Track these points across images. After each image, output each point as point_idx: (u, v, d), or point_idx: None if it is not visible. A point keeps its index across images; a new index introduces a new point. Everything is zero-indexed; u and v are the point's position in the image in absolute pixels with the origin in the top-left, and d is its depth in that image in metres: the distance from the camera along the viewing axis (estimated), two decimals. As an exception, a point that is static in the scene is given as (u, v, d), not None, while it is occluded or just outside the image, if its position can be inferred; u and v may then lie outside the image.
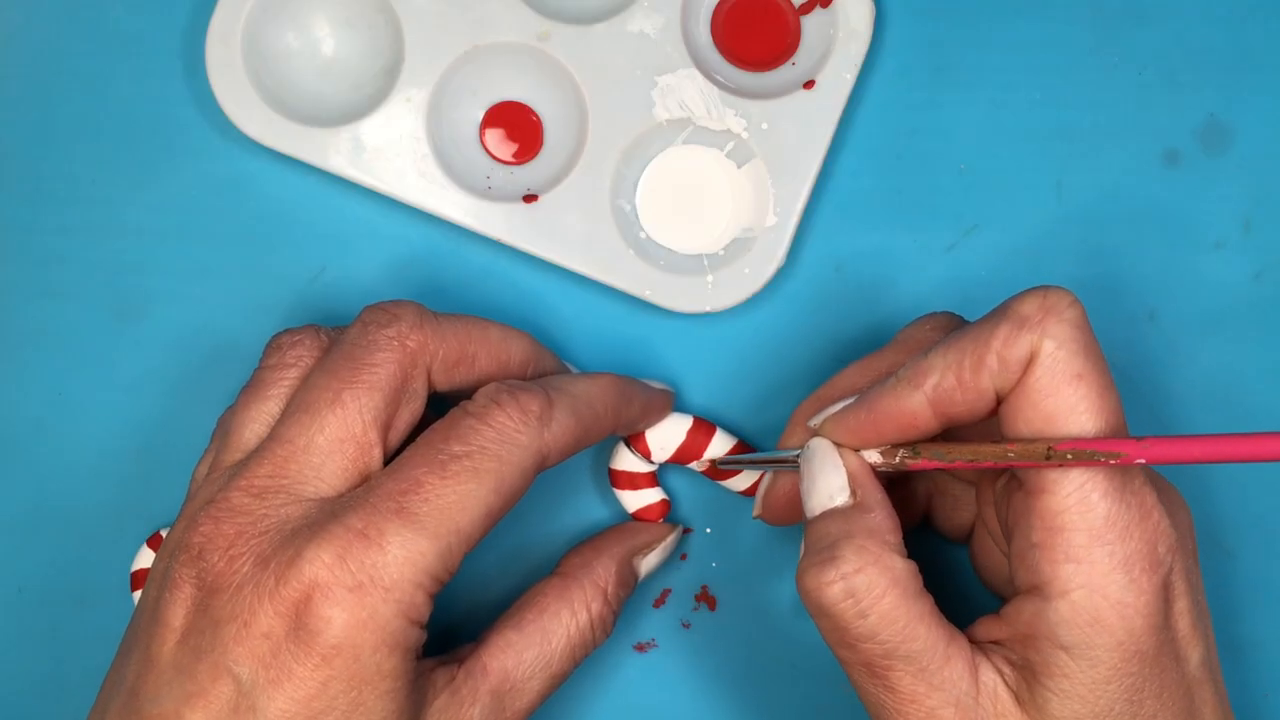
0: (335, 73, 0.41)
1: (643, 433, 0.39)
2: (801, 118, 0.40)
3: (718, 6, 0.41)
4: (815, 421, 0.35)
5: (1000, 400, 0.32)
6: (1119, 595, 0.30)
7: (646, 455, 0.39)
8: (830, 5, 0.40)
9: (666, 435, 0.39)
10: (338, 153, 0.39)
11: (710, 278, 0.40)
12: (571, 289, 0.41)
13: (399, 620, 0.31)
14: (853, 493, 0.33)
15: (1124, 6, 0.41)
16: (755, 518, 0.38)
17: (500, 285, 0.41)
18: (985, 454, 0.32)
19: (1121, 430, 0.31)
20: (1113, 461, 0.30)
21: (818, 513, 0.33)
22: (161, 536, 0.40)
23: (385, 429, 0.33)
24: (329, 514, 0.31)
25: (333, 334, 0.35)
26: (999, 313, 0.32)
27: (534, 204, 0.40)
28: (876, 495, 0.33)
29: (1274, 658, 0.41)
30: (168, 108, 0.41)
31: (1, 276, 0.41)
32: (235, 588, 0.31)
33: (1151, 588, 0.31)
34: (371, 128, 0.40)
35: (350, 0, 0.40)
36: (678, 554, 0.41)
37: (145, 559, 0.40)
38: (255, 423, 0.34)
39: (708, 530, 0.41)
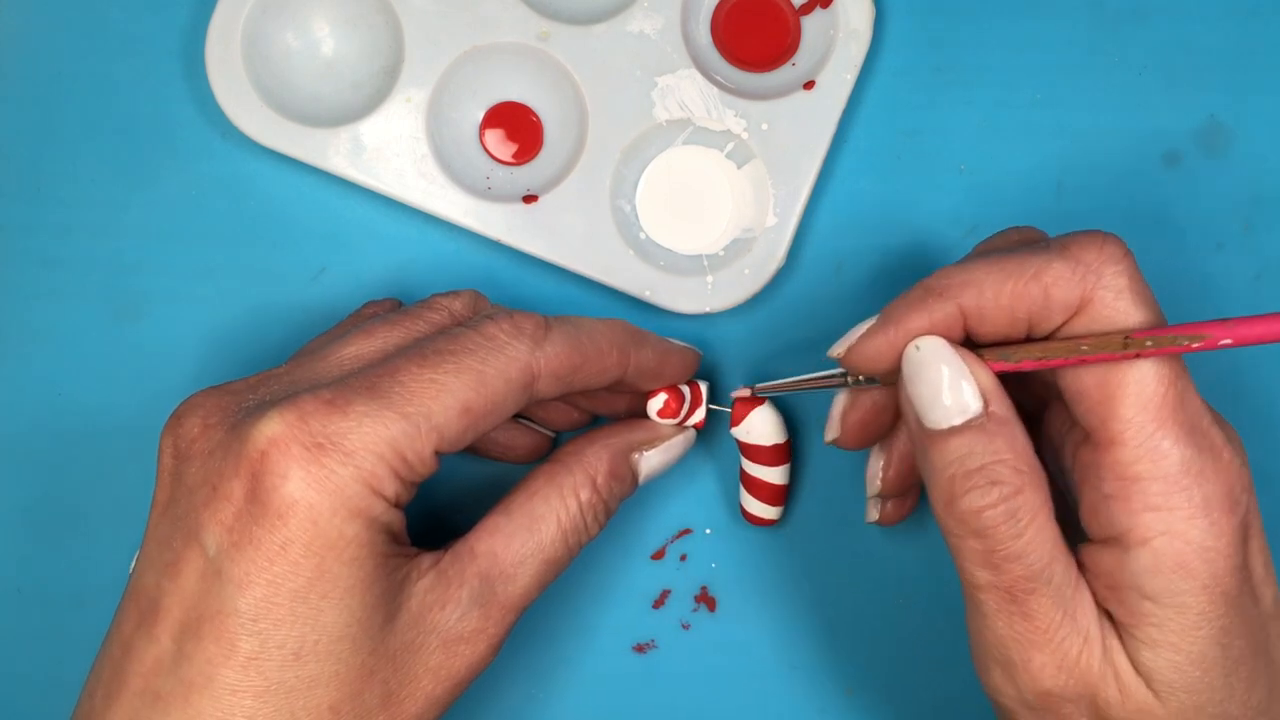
0: (335, 73, 0.41)
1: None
2: (801, 118, 0.40)
3: (718, 7, 0.40)
4: (837, 351, 0.33)
5: (1030, 334, 0.31)
6: (1201, 539, 0.30)
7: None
8: (830, 5, 0.40)
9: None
10: (337, 153, 0.39)
11: (710, 278, 0.40)
12: (571, 289, 0.41)
13: (358, 486, 0.30)
14: (985, 403, 0.31)
15: (1124, 6, 0.41)
16: (828, 444, 0.37)
17: (500, 285, 0.41)
18: (1055, 351, 0.31)
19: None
20: (1195, 345, 0.29)
21: (945, 426, 0.31)
22: (161, 536, 0.40)
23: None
24: (306, 389, 0.31)
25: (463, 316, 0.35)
26: (1055, 248, 0.31)
27: (534, 204, 0.40)
28: (1008, 402, 0.32)
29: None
30: (168, 108, 0.41)
31: (1, 276, 0.41)
32: (206, 453, 0.31)
33: (1231, 529, 0.30)
34: (371, 128, 0.40)
35: (350, 0, 0.40)
36: (678, 553, 0.41)
37: (145, 559, 0.40)
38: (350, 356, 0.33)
39: (708, 531, 0.41)
